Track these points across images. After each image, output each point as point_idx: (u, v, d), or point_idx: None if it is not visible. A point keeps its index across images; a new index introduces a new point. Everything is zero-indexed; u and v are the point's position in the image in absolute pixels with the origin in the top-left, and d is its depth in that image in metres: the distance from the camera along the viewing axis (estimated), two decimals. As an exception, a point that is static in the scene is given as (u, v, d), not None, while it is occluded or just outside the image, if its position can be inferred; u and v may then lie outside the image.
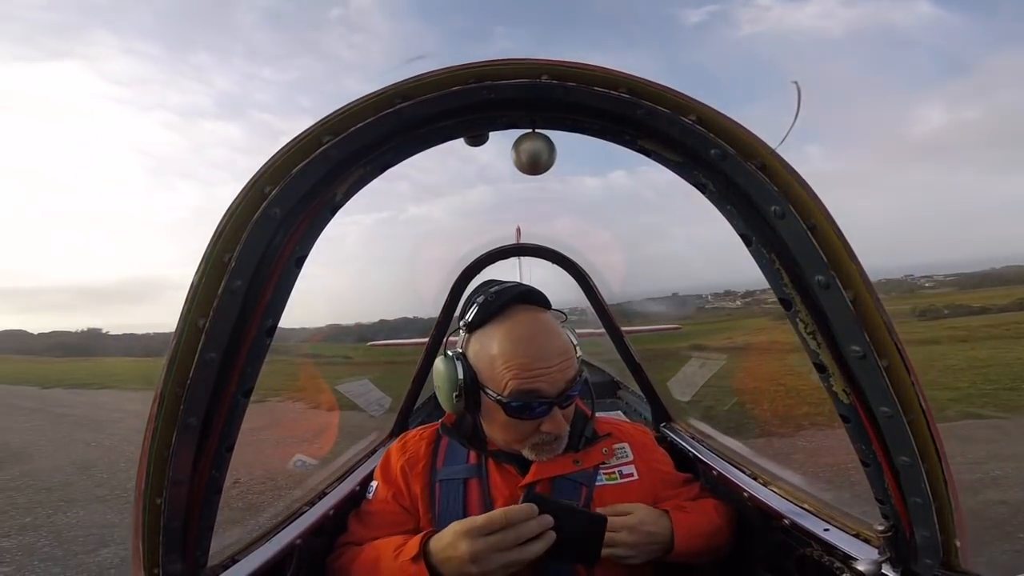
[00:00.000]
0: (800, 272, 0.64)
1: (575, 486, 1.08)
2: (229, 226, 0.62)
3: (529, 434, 1.02)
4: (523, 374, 0.96)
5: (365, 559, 1.02)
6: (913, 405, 0.67)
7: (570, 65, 0.61)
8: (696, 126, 0.61)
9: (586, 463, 1.11)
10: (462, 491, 1.08)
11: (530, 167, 0.66)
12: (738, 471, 1.26)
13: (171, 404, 0.66)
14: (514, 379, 0.96)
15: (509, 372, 0.96)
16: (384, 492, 1.14)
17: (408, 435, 1.23)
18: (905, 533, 0.76)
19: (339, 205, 0.67)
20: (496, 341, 0.99)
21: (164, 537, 0.71)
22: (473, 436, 1.13)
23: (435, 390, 1.07)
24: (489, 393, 0.99)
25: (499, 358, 0.97)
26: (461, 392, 1.00)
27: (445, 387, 1.02)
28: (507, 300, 1.02)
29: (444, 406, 1.06)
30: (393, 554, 0.95)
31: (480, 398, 1.01)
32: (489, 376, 0.99)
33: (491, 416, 1.04)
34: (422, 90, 0.61)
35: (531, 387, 0.96)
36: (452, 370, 1.01)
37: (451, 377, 1.01)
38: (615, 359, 2.13)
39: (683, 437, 1.62)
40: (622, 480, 1.12)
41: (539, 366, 0.96)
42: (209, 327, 0.64)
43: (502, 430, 1.04)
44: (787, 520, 1.04)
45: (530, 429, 1.01)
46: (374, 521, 1.12)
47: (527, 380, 0.96)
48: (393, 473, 1.15)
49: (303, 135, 0.62)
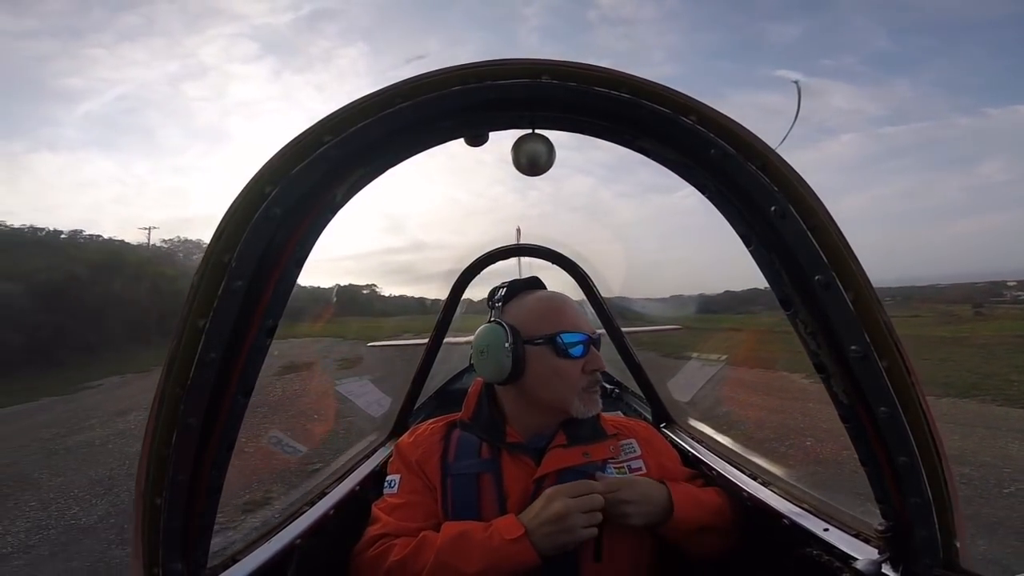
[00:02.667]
0: (800, 272, 0.64)
1: (584, 479, 1.08)
2: (229, 226, 0.62)
3: (576, 377, 1.09)
4: (562, 317, 1.11)
5: (447, 543, 0.96)
6: (913, 405, 0.67)
7: (570, 65, 0.61)
8: (696, 126, 0.61)
9: (595, 457, 1.12)
10: (475, 486, 1.09)
11: (529, 168, 0.67)
12: (738, 471, 1.27)
13: (171, 404, 0.66)
14: (557, 321, 1.10)
15: (552, 315, 1.11)
16: (410, 484, 1.13)
17: (418, 428, 1.23)
18: (905, 533, 0.76)
19: (339, 205, 0.67)
20: (531, 302, 1.15)
21: (164, 537, 0.71)
22: (491, 428, 1.14)
23: (478, 359, 1.13)
24: (537, 341, 1.08)
25: (536, 309, 1.13)
26: (511, 348, 1.07)
27: (495, 346, 1.09)
28: (524, 283, 1.20)
29: (488, 371, 1.12)
30: (485, 535, 0.96)
31: (525, 353, 1.09)
32: (531, 327, 1.10)
33: (540, 372, 1.09)
34: (422, 90, 0.61)
35: (572, 324, 1.11)
36: (500, 329, 1.10)
37: (500, 335, 1.09)
38: (615, 359, 2.13)
39: (683, 438, 1.62)
40: (631, 474, 1.14)
41: (572, 310, 1.14)
42: (209, 327, 0.64)
43: (549, 384, 1.09)
44: (787, 520, 1.04)
45: (576, 372, 1.09)
46: (408, 513, 1.09)
47: (566, 318, 1.11)
48: (412, 466, 1.15)
49: (303, 135, 0.62)
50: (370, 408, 2.25)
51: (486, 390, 1.20)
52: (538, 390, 1.11)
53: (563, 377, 1.09)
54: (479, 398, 1.20)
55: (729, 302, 35.97)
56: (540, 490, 1.05)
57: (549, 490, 1.00)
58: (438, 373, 2.49)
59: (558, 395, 1.10)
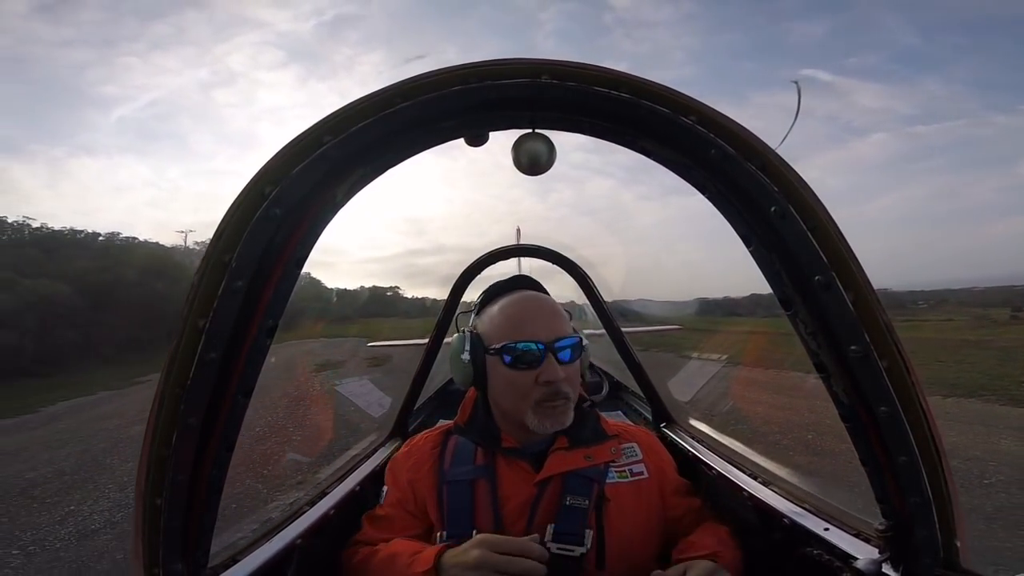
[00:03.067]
0: (800, 272, 0.64)
1: (587, 482, 1.08)
2: (229, 226, 0.62)
3: (527, 388, 1.04)
4: (515, 323, 1.07)
5: (381, 560, 1.05)
6: (913, 405, 0.67)
7: (570, 65, 0.61)
8: (696, 126, 0.61)
9: (596, 460, 1.11)
10: (470, 492, 1.08)
11: (529, 168, 0.67)
12: (738, 471, 1.27)
13: (171, 404, 0.66)
14: (509, 329, 1.06)
15: (507, 323, 1.08)
16: (393, 497, 1.16)
17: (414, 440, 1.24)
18: (905, 532, 0.76)
19: (339, 205, 0.67)
20: (494, 308, 1.13)
21: (164, 537, 0.71)
22: (486, 433, 1.14)
23: (450, 368, 1.15)
24: (492, 351, 1.07)
25: (497, 316, 1.10)
26: (468, 358, 1.09)
27: (456, 354, 1.11)
28: (506, 283, 1.19)
29: (456, 378, 1.14)
30: (408, 561, 0.98)
31: (485, 362, 1.09)
32: (491, 336, 1.09)
33: (496, 383, 1.09)
34: (422, 90, 0.61)
35: (524, 333, 1.05)
36: (461, 339, 1.12)
37: (460, 344, 1.11)
38: (615, 360, 2.13)
39: (683, 437, 1.62)
40: (632, 478, 1.13)
41: (530, 316, 1.08)
42: (209, 327, 0.64)
43: (505, 395, 1.08)
44: (787, 520, 1.04)
45: (529, 383, 1.04)
46: (385, 525, 1.14)
47: (519, 326, 1.06)
48: (400, 480, 1.17)
49: (303, 135, 0.62)
50: (370, 409, 2.25)
51: (480, 395, 1.19)
52: (499, 400, 1.11)
53: (517, 388, 1.06)
54: (474, 403, 1.20)
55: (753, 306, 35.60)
56: (543, 494, 1.05)
57: (481, 536, 0.95)
58: (437, 374, 2.48)
59: (514, 407, 1.08)
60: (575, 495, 1.05)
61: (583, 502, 1.04)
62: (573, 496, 1.05)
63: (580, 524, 1.02)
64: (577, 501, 1.04)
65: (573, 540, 1.01)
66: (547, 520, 1.03)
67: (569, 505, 1.04)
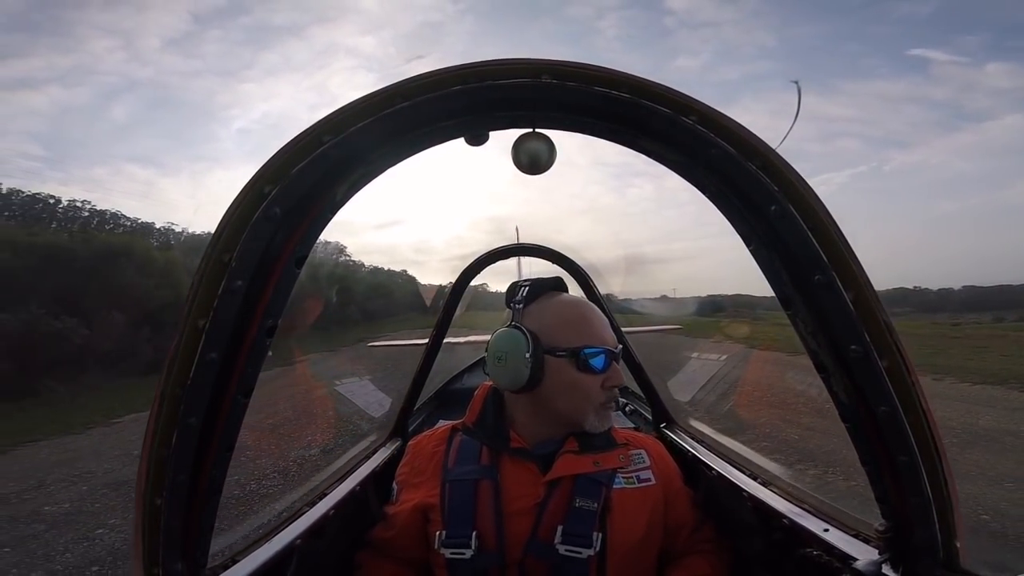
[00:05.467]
0: (800, 272, 0.64)
1: (596, 486, 1.07)
2: (229, 226, 0.62)
3: (595, 393, 1.07)
4: (588, 328, 1.08)
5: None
6: (913, 405, 0.67)
7: (571, 65, 0.61)
8: (697, 126, 0.61)
9: (605, 465, 1.11)
10: (472, 492, 1.08)
11: (530, 167, 0.67)
12: (738, 471, 1.27)
13: (171, 404, 0.66)
14: (583, 332, 1.07)
15: (577, 326, 1.07)
16: (401, 496, 1.17)
17: (419, 438, 1.24)
18: (905, 533, 0.76)
19: (339, 205, 0.67)
20: (554, 307, 1.10)
21: (164, 537, 0.71)
22: (494, 433, 1.13)
23: (493, 365, 1.08)
24: (559, 352, 1.04)
25: (558, 318, 1.08)
26: (531, 358, 1.03)
27: (515, 353, 1.04)
28: (550, 283, 1.15)
29: (504, 379, 1.07)
30: None
31: (544, 363, 1.04)
32: (556, 336, 1.06)
33: (556, 384, 1.05)
34: (422, 90, 0.61)
35: (596, 338, 1.07)
36: (520, 336, 1.04)
37: (520, 343, 1.04)
38: None
39: (683, 438, 1.62)
40: (640, 484, 1.12)
41: (597, 322, 1.10)
42: (209, 327, 0.64)
43: (566, 396, 1.06)
44: (787, 520, 1.04)
45: (594, 386, 1.06)
46: (393, 523, 1.15)
47: (590, 331, 1.08)
48: (406, 479, 1.17)
49: (303, 135, 0.62)
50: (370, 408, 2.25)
51: (493, 395, 1.18)
52: (554, 401, 1.08)
53: (582, 391, 1.06)
54: (484, 402, 1.18)
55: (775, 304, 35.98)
56: (552, 495, 1.05)
57: None
58: (437, 374, 2.48)
59: (574, 409, 1.08)
60: (584, 498, 1.05)
61: (592, 505, 1.04)
62: (582, 498, 1.05)
63: (589, 526, 1.02)
64: (586, 503, 1.04)
65: (581, 542, 1.01)
66: (555, 521, 1.03)
67: (578, 507, 1.04)
